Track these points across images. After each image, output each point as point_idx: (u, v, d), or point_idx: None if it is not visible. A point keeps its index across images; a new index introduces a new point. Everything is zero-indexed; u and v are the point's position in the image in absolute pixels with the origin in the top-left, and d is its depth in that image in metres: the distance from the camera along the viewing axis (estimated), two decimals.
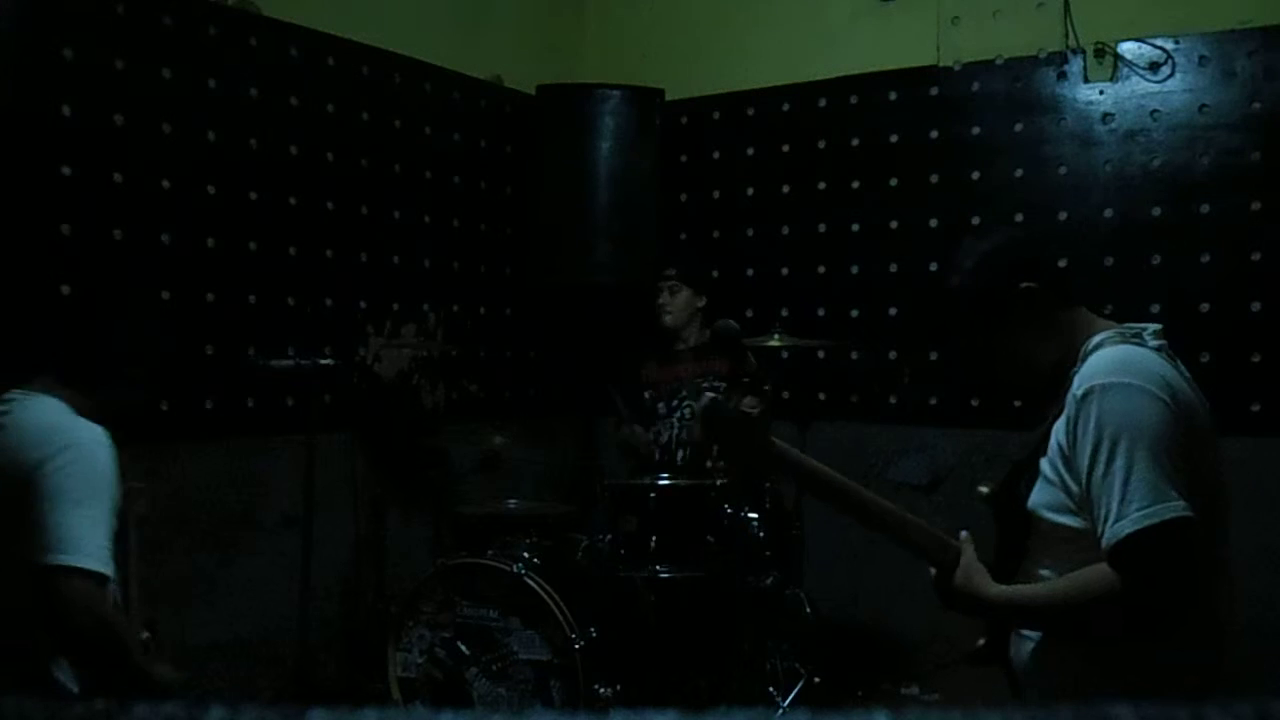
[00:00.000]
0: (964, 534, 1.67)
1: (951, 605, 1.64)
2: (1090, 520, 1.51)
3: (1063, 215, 3.76)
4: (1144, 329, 1.63)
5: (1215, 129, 3.55)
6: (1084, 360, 1.59)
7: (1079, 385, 1.52)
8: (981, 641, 1.74)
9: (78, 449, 1.84)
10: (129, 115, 3.09)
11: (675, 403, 3.91)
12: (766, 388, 1.62)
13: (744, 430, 1.62)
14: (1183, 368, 1.61)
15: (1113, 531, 1.45)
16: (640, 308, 4.08)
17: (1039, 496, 1.61)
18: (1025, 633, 1.66)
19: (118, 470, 1.91)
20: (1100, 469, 1.47)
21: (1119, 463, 1.46)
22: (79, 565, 1.78)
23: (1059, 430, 1.56)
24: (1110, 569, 1.47)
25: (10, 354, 2.78)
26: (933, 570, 1.66)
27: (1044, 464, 1.60)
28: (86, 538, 1.80)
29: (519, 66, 4.43)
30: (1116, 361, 1.54)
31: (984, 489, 1.77)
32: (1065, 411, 1.55)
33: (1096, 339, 1.61)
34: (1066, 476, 1.55)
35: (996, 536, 1.71)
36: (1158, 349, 1.59)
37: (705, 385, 3.86)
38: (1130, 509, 1.44)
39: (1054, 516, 1.58)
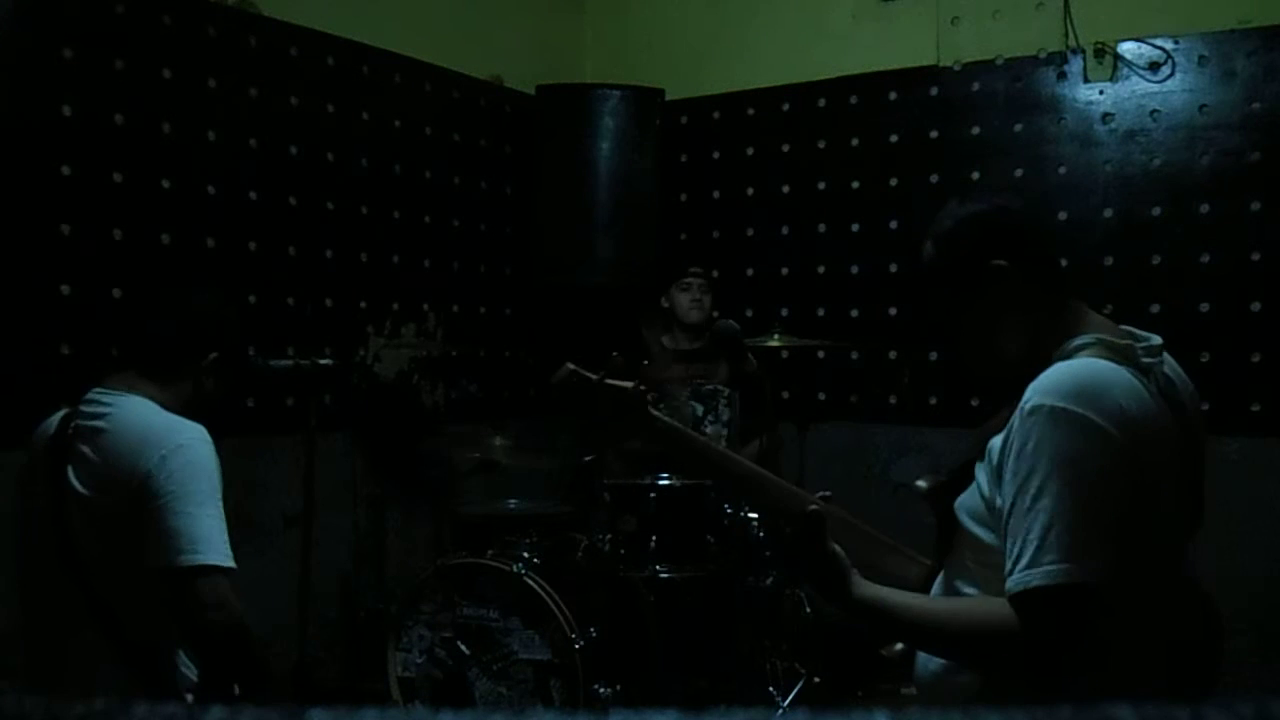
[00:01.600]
0: (827, 494, 1.49)
1: (808, 578, 1.43)
2: (1001, 540, 1.39)
3: (1063, 215, 3.76)
4: (1138, 342, 1.44)
5: (1215, 129, 3.55)
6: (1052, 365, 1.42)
7: (1029, 397, 1.35)
8: (900, 645, 1.63)
9: (189, 449, 1.88)
10: (129, 115, 3.09)
11: (675, 403, 3.91)
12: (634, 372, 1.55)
13: (612, 403, 1.51)
14: (1179, 390, 1.46)
15: (1021, 578, 1.31)
16: (640, 308, 4.08)
17: (964, 500, 1.50)
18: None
19: (220, 467, 1.95)
20: (1025, 502, 1.32)
21: (1044, 502, 1.30)
22: (210, 563, 1.82)
23: (996, 439, 1.41)
24: (1012, 611, 1.34)
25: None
26: (788, 530, 1.44)
27: (978, 467, 1.47)
28: (213, 535, 1.85)
29: (519, 66, 4.43)
30: (1078, 381, 1.34)
31: (922, 483, 1.60)
32: (1011, 419, 1.38)
33: (1078, 341, 1.43)
34: (992, 488, 1.41)
35: (936, 536, 1.59)
36: (1145, 369, 1.40)
37: (707, 387, 3.87)
38: (1044, 559, 1.29)
39: (972, 526, 1.47)
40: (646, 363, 4.01)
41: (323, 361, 3.13)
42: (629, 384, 1.50)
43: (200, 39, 3.28)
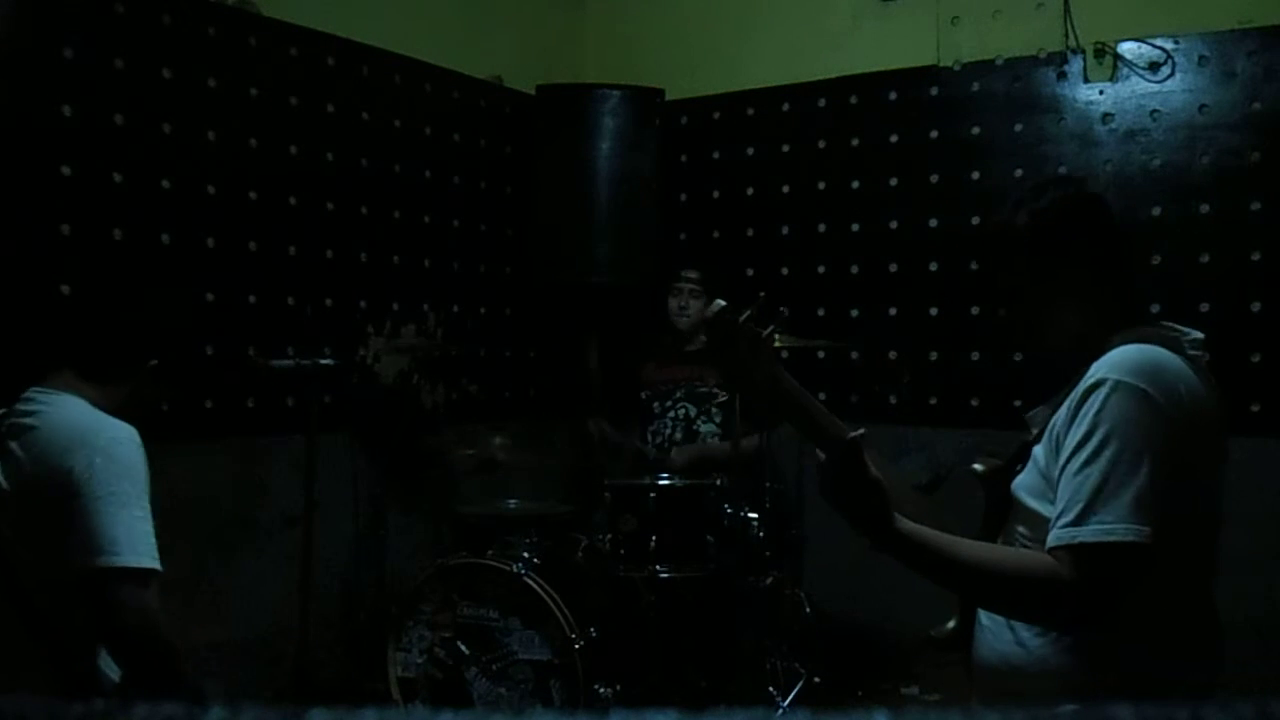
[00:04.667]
0: (860, 431, 1.49)
1: (848, 506, 1.43)
2: None
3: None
4: (1184, 334, 1.53)
5: (1215, 129, 3.55)
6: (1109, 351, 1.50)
7: (1094, 373, 1.44)
8: (951, 624, 1.68)
9: (114, 449, 1.84)
10: (129, 115, 3.09)
11: (670, 404, 3.91)
12: (773, 332, 1.60)
13: (749, 344, 1.55)
14: (1212, 381, 1.53)
15: (1067, 533, 1.38)
16: (640, 308, 4.08)
17: (1024, 479, 1.57)
18: (987, 624, 1.61)
19: (148, 468, 1.91)
20: (1078, 462, 1.40)
21: (1099, 465, 1.38)
22: (132, 565, 1.79)
23: (1059, 415, 1.50)
24: (1055, 564, 1.39)
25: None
26: (821, 454, 1.45)
27: (1037, 449, 1.55)
28: (135, 537, 1.81)
29: (519, 66, 4.43)
30: (1141, 362, 1.44)
31: (979, 466, 1.68)
32: (1071, 396, 1.48)
33: (1138, 330, 1.52)
34: (1052, 462, 1.49)
35: (984, 518, 1.66)
36: (1192, 359, 1.49)
37: (702, 389, 3.87)
38: (1091, 518, 1.36)
39: (1033, 502, 1.53)
40: (650, 362, 4.01)
41: (323, 361, 3.13)
42: (765, 330, 1.55)
43: (200, 39, 3.28)
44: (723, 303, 1.57)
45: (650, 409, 3.93)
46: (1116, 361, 1.45)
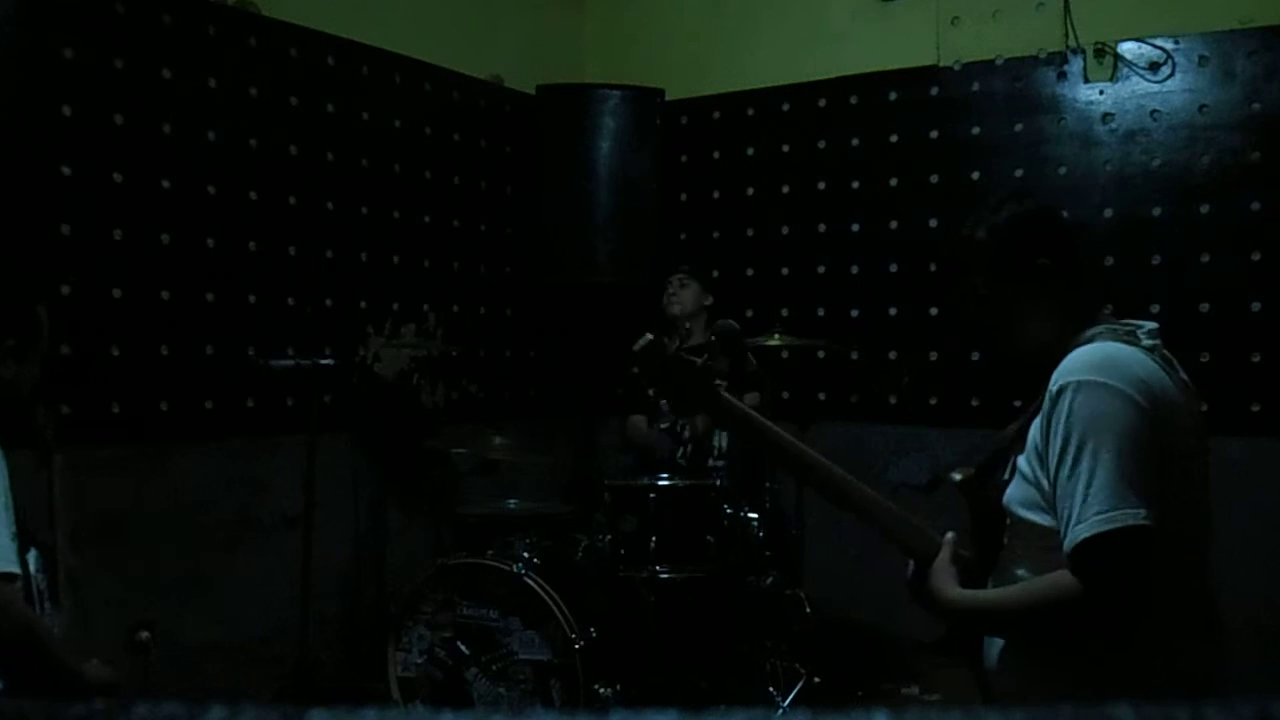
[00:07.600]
0: (950, 535, 1.64)
1: (917, 599, 1.61)
2: (1057, 519, 1.49)
3: (1063, 215, 3.75)
4: (1139, 327, 1.58)
5: (1215, 129, 3.55)
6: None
7: (1055, 381, 1.49)
8: (942, 631, 1.71)
9: None
10: (129, 115, 3.09)
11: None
12: (749, 369, 1.63)
13: (681, 374, 1.59)
14: (1179, 370, 1.56)
15: (1071, 535, 1.42)
16: (640, 308, 4.08)
17: (1014, 492, 1.59)
18: None
19: (8, 472, 1.82)
20: (1066, 470, 1.44)
21: (1084, 465, 1.42)
22: None
23: (1035, 426, 1.53)
24: (1071, 574, 1.44)
25: None
26: (911, 563, 1.64)
27: (1020, 460, 1.58)
28: None
29: (519, 66, 4.43)
30: (1095, 359, 1.49)
31: (957, 475, 1.71)
32: (1044, 407, 1.51)
33: (1092, 331, 1.57)
34: (1039, 473, 1.52)
35: (972, 527, 1.68)
36: (1150, 349, 1.53)
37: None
38: (1089, 513, 1.40)
39: (1026, 514, 1.55)
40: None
41: (323, 361, 3.13)
42: (698, 359, 1.61)
43: (200, 39, 3.28)
44: (650, 336, 1.59)
45: (657, 408, 3.93)
46: (1071, 365, 1.49)
